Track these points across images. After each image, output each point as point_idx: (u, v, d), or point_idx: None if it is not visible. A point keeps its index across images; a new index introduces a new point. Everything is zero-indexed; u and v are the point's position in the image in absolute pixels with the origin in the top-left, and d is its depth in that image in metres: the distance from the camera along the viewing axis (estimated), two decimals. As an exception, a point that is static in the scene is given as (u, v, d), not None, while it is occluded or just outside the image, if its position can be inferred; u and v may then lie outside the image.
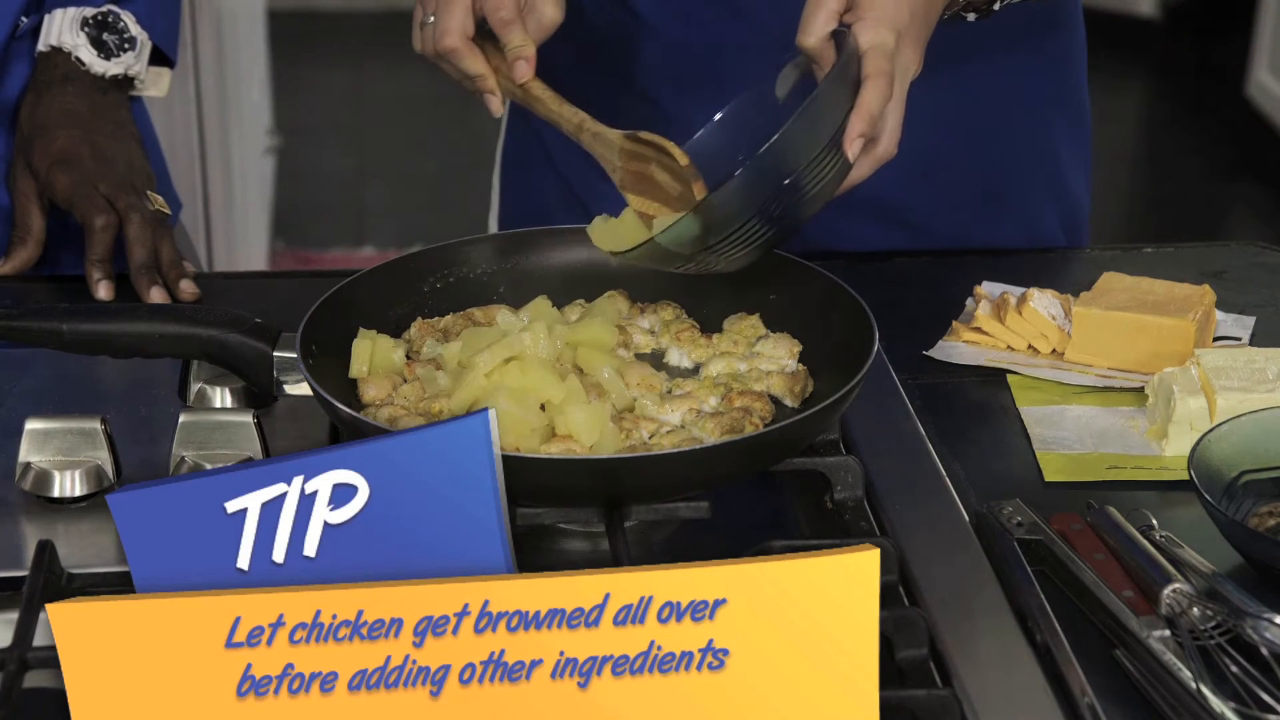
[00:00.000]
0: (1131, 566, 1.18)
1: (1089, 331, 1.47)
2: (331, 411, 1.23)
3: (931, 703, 1.06)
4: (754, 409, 1.28)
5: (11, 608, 1.13)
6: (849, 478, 1.27)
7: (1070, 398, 1.43)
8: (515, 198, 1.84)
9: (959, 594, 1.17)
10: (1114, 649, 1.13)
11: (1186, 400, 1.35)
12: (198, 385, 1.37)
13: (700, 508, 1.21)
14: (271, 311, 1.33)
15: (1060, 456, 1.35)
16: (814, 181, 1.27)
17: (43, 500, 1.26)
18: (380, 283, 1.37)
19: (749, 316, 1.38)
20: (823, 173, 1.27)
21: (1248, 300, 1.59)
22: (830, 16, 1.33)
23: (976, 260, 1.67)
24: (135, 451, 1.30)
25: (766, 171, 1.24)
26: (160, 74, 1.71)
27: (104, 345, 1.31)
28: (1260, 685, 1.07)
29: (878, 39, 1.31)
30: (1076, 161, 1.78)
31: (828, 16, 1.33)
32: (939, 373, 1.47)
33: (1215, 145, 4.98)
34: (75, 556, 1.18)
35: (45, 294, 1.59)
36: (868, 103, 1.29)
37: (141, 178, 1.61)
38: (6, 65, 1.67)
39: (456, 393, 1.26)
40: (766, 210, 1.25)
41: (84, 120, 1.62)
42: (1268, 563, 1.20)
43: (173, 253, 1.57)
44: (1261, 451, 1.28)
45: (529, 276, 1.41)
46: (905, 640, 1.11)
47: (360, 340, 1.32)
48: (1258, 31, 4.89)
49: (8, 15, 1.65)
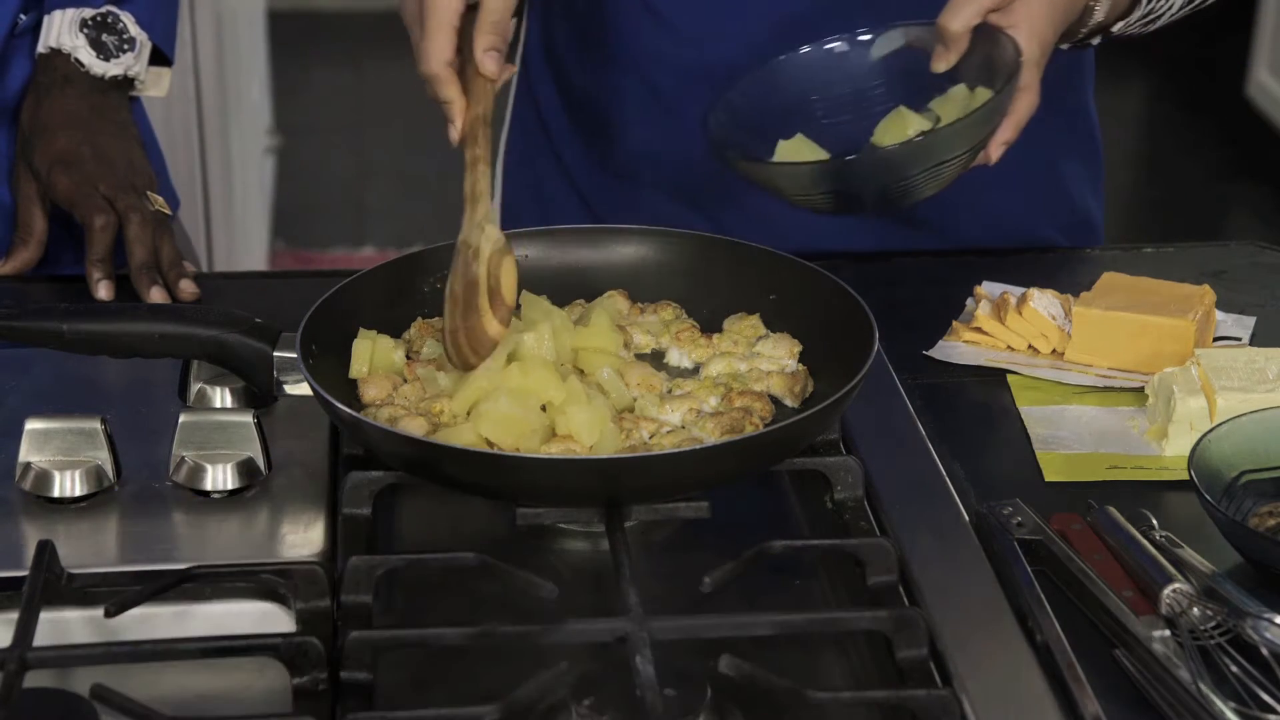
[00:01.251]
0: (1131, 566, 1.18)
1: (1089, 331, 1.47)
2: (331, 411, 1.23)
3: (931, 703, 1.06)
4: (754, 409, 1.28)
5: (11, 608, 1.12)
6: (849, 478, 1.27)
7: (1070, 398, 1.43)
8: (517, 192, 1.84)
9: (959, 594, 1.17)
10: (1114, 649, 1.13)
11: (1186, 400, 1.35)
12: (198, 385, 1.37)
13: (700, 508, 1.21)
14: (271, 311, 1.33)
15: (1060, 456, 1.35)
16: (946, 168, 1.37)
17: (43, 500, 1.25)
18: (380, 283, 1.37)
19: (749, 316, 1.38)
20: (952, 165, 1.37)
21: (1248, 300, 1.59)
22: (980, 10, 1.38)
23: (976, 260, 1.67)
24: (135, 451, 1.30)
25: (937, 145, 1.35)
26: (160, 74, 1.71)
27: (104, 345, 1.31)
28: (1260, 685, 1.07)
29: (1033, 52, 1.37)
30: (1082, 175, 1.78)
31: (979, 9, 1.38)
32: (939, 373, 1.47)
33: (1215, 145, 4.98)
34: (75, 556, 1.18)
35: (45, 294, 1.59)
36: (1020, 114, 1.38)
37: (142, 178, 1.61)
38: (6, 63, 1.67)
39: (457, 393, 1.26)
40: (906, 177, 1.35)
41: (84, 121, 1.62)
42: (1267, 563, 1.20)
43: (173, 253, 1.57)
44: (1261, 451, 1.28)
45: (529, 276, 1.40)
46: (905, 640, 1.11)
47: (360, 340, 1.32)
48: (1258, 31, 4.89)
49: (6, 13, 1.65)
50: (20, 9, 1.66)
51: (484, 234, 1.30)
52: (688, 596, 1.15)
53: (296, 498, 1.27)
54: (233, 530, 1.24)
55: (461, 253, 1.30)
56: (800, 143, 1.45)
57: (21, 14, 1.67)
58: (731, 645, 1.08)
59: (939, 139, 1.36)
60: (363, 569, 1.16)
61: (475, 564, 1.16)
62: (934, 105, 1.45)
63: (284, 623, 1.17)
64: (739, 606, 1.16)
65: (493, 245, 1.30)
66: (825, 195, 1.38)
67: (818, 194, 1.39)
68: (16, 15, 1.66)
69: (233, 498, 1.27)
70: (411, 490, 1.27)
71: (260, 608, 1.18)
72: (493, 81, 1.32)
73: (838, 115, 1.49)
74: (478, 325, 1.28)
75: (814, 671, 1.14)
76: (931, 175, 1.37)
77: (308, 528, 1.24)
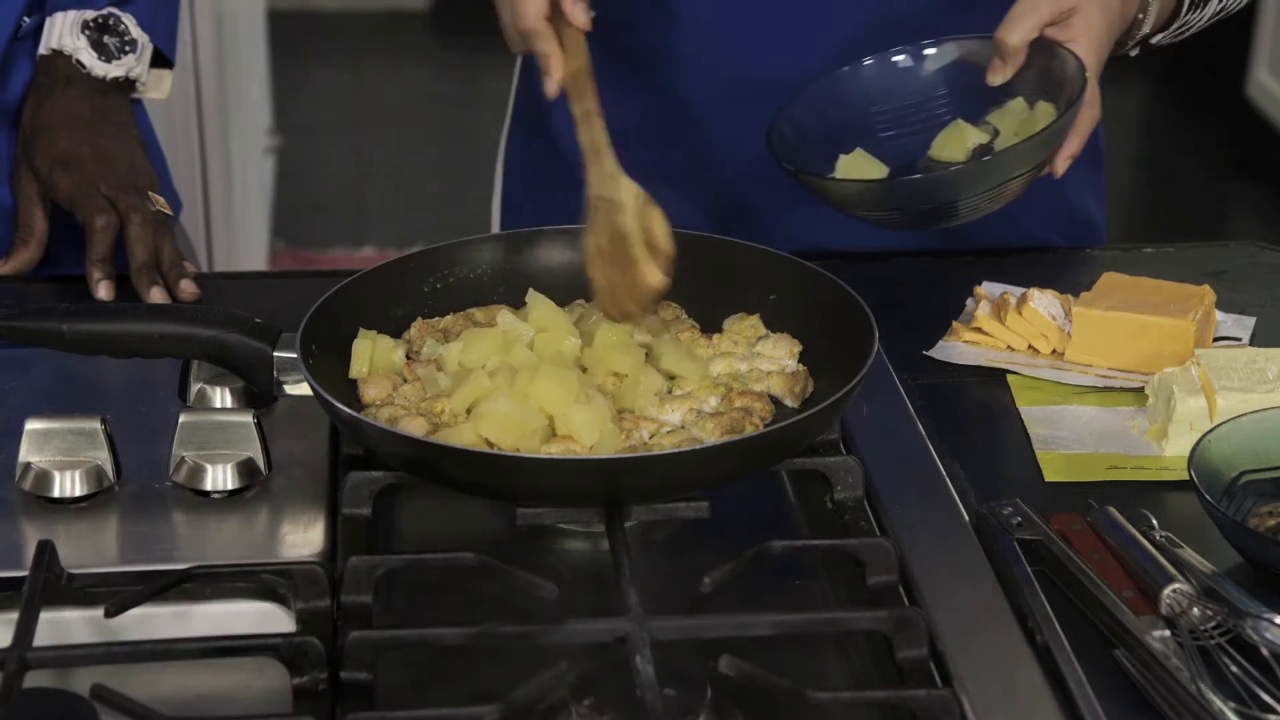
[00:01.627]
0: (1131, 566, 1.18)
1: (1089, 331, 1.47)
2: (331, 412, 1.23)
3: (931, 703, 1.06)
4: (754, 409, 1.28)
5: (11, 608, 1.12)
6: (849, 478, 1.27)
7: (1070, 398, 1.43)
8: (520, 191, 1.83)
9: (959, 594, 1.17)
10: (1114, 649, 1.13)
11: (1186, 400, 1.35)
12: (198, 385, 1.37)
13: (700, 508, 1.21)
14: (271, 311, 1.33)
15: (1060, 456, 1.35)
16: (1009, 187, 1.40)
17: (43, 500, 1.25)
18: (380, 283, 1.37)
19: (749, 316, 1.38)
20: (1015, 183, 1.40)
21: (1248, 300, 1.59)
22: (1038, 24, 1.41)
23: (976, 260, 1.67)
24: (135, 451, 1.30)
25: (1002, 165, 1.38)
26: (161, 76, 1.71)
27: (104, 345, 1.31)
28: (1260, 685, 1.07)
29: (1093, 66, 1.40)
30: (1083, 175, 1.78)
31: (1036, 24, 1.41)
32: (939, 373, 1.47)
33: (1215, 145, 4.97)
34: (75, 556, 1.18)
35: (45, 294, 1.59)
36: (1085, 128, 1.41)
37: (143, 179, 1.61)
38: (9, 66, 1.67)
39: (457, 393, 1.26)
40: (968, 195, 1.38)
41: (86, 121, 1.62)
42: (1268, 563, 1.20)
43: (173, 253, 1.57)
44: (1261, 451, 1.28)
45: (529, 276, 1.40)
46: (905, 640, 1.11)
47: (360, 340, 1.32)
48: (1258, 31, 4.89)
49: (10, 15, 1.65)
50: (24, 12, 1.66)
51: (620, 186, 1.32)
52: (688, 596, 1.15)
53: (296, 498, 1.27)
54: (233, 530, 1.24)
55: (599, 208, 1.32)
56: (860, 157, 1.46)
57: (25, 17, 1.67)
58: (731, 645, 1.08)
59: (1005, 159, 1.38)
60: (363, 569, 1.16)
61: (475, 564, 1.16)
62: (991, 118, 1.46)
63: (284, 623, 1.17)
64: (739, 606, 1.16)
65: (635, 197, 1.31)
66: (887, 213, 1.41)
67: (879, 211, 1.41)
68: (20, 18, 1.66)
69: (233, 498, 1.27)
70: (411, 490, 1.27)
71: (260, 608, 1.18)
72: (584, 32, 1.34)
73: (894, 128, 1.51)
74: (636, 276, 1.30)
75: (814, 671, 1.14)
76: (994, 194, 1.39)
77: (308, 528, 1.24)
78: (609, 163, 1.33)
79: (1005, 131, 1.46)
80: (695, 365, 1.32)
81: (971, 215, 1.41)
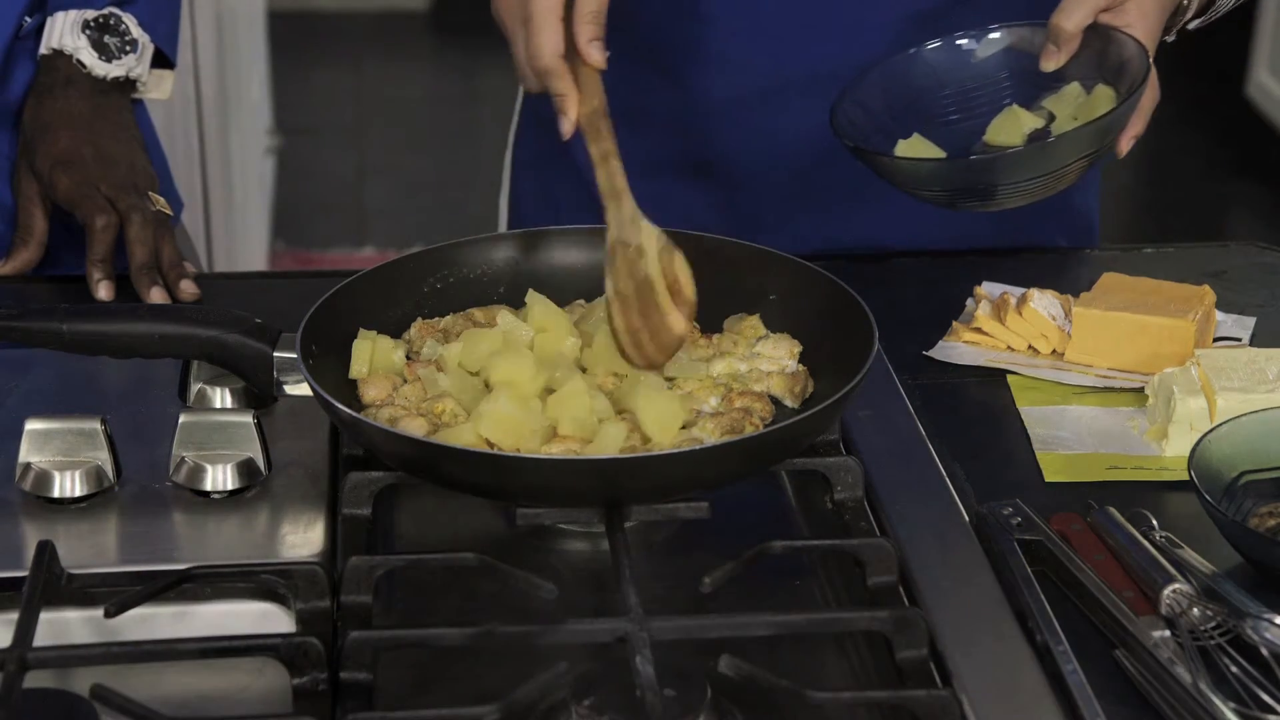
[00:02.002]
0: (1131, 567, 1.18)
1: (1089, 331, 1.47)
2: (331, 412, 1.23)
3: (931, 703, 1.06)
4: (754, 409, 1.28)
5: (11, 608, 1.12)
6: (849, 478, 1.27)
7: (1070, 398, 1.43)
8: (526, 192, 1.83)
9: (959, 594, 1.17)
10: (1114, 649, 1.13)
11: (1186, 400, 1.35)
12: (198, 385, 1.37)
13: (700, 508, 1.21)
14: (271, 311, 1.33)
15: (1060, 457, 1.35)
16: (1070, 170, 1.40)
17: (43, 500, 1.26)
18: (380, 283, 1.37)
19: (749, 316, 1.38)
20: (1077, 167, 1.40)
21: (1248, 300, 1.59)
22: (1094, 10, 1.41)
23: (976, 260, 1.67)
24: (135, 451, 1.30)
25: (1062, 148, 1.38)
26: (162, 76, 1.71)
27: (104, 345, 1.31)
28: (1260, 685, 1.07)
29: (1150, 49, 1.41)
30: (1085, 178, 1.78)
31: (1092, 9, 1.41)
32: (939, 373, 1.47)
33: (1215, 145, 4.97)
34: (75, 556, 1.18)
35: (45, 294, 1.59)
36: (1147, 108, 1.43)
37: (144, 179, 1.61)
38: (10, 66, 1.67)
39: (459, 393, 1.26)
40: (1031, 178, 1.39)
41: (86, 122, 1.62)
42: (1268, 563, 1.20)
43: (173, 253, 1.57)
44: (1261, 451, 1.28)
45: (529, 276, 1.40)
46: (905, 640, 1.11)
47: (360, 341, 1.32)
48: (1258, 31, 4.89)
49: (11, 16, 1.65)
50: (25, 12, 1.66)
51: (642, 231, 1.29)
52: (687, 597, 1.15)
53: (296, 498, 1.27)
54: (233, 530, 1.24)
55: (619, 252, 1.29)
56: (918, 142, 1.47)
57: (26, 17, 1.67)
58: (731, 645, 1.08)
59: (1065, 141, 1.38)
60: (363, 569, 1.16)
61: (475, 564, 1.16)
62: (1047, 103, 1.46)
63: (284, 623, 1.17)
64: (739, 606, 1.15)
65: (656, 240, 1.29)
66: (944, 193, 1.42)
67: (939, 190, 1.42)
68: (21, 18, 1.66)
69: (233, 498, 1.27)
70: (411, 490, 1.27)
71: (260, 608, 1.18)
72: (600, 71, 1.31)
73: (956, 112, 1.51)
74: (661, 324, 1.27)
75: (814, 671, 1.14)
76: (1056, 177, 1.39)
77: (308, 528, 1.24)
78: (629, 206, 1.29)
79: (1061, 116, 1.45)
80: (695, 365, 1.31)
81: (1026, 199, 1.42)
